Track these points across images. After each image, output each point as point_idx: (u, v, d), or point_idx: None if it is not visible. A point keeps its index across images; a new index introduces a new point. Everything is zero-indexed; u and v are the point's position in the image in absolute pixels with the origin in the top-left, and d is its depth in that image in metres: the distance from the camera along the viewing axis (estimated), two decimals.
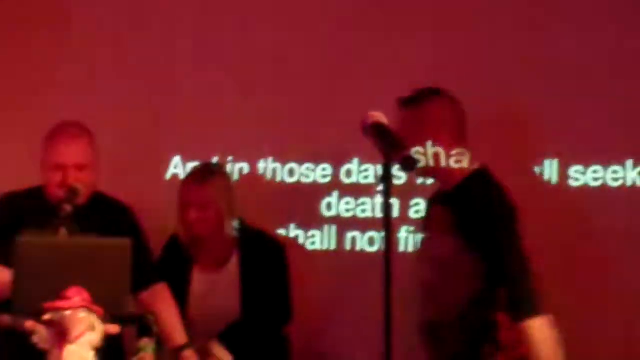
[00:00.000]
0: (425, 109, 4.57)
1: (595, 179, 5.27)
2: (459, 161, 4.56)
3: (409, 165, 3.54)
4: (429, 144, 4.48)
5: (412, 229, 5.41)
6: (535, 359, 4.37)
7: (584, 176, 5.28)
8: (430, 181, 4.97)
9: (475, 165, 4.57)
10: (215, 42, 5.90)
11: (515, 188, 5.23)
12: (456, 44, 5.52)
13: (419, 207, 5.44)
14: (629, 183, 5.22)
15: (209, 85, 5.82)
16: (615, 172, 5.24)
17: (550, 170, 5.32)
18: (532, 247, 5.21)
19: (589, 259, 5.24)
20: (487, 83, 5.41)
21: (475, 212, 4.44)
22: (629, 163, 5.22)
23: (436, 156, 4.53)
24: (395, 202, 5.29)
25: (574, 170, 5.29)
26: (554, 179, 5.31)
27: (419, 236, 5.02)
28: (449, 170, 4.52)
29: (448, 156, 4.51)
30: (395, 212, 5.40)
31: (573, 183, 5.30)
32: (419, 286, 4.85)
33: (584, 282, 5.22)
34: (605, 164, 5.24)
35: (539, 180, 5.34)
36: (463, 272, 4.60)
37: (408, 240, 5.45)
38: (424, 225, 4.90)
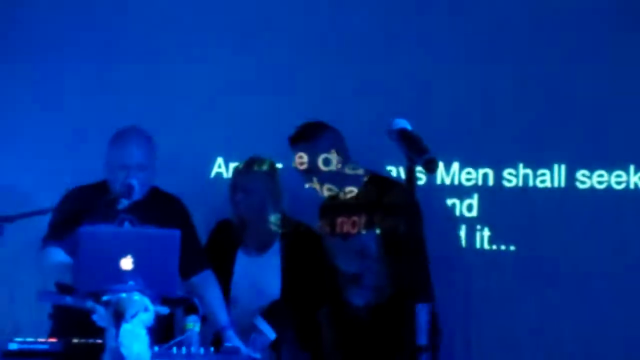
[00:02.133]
0: None
1: (600, 182, 5.23)
2: None
3: (431, 167, 3.52)
4: None
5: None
6: None
7: (589, 179, 5.25)
8: None
9: None
10: (255, 52, 5.83)
11: (526, 190, 5.35)
12: (470, 50, 5.48)
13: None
14: (632, 186, 5.18)
15: (248, 93, 5.77)
16: (618, 176, 5.20)
17: (558, 174, 5.28)
18: (543, 245, 5.32)
19: (594, 257, 5.22)
20: (503, 95, 5.41)
21: None
22: (632, 168, 5.18)
23: None
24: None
25: (581, 174, 5.26)
26: (562, 182, 5.28)
27: None
28: None
29: None
30: None
31: (580, 186, 5.27)
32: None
33: (589, 274, 5.22)
34: (609, 168, 5.22)
35: (548, 183, 5.31)
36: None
37: None
38: None
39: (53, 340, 4.44)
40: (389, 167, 5.47)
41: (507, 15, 5.46)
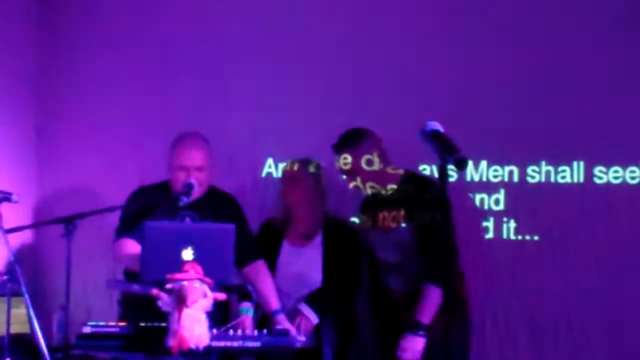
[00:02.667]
0: None
1: (616, 178, 5.19)
2: None
3: (461, 165, 3.51)
4: None
5: None
6: None
7: (606, 175, 5.21)
8: None
9: None
10: (298, 64, 5.82)
11: (548, 186, 5.34)
12: (499, 59, 5.43)
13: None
14: None
15: (294, 100, 5.76)
16: (632, 171, 5.16)
17: (577, 170, 5.25)
18: (564, 235, 5.27)
19: (611, 245, 5.17)
20: (527, 100, 5.37)
21: None
22: None
23: None
24: None
25: (598, 170, 5.22)
26: (581, 177, 5.25)
27: None
28: None
29: None
30: None
31: (597, 181, 5.23)
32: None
33: (607, 262, 5.17)
34: (623, 164, 5.18)
35: (568, 179, 5.29)
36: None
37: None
38: None
39: (122, 324, 4.48)
40: (422, 166, 5.43)
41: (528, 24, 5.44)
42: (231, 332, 4.37)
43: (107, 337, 4.39)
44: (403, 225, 4.94)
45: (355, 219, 5.42)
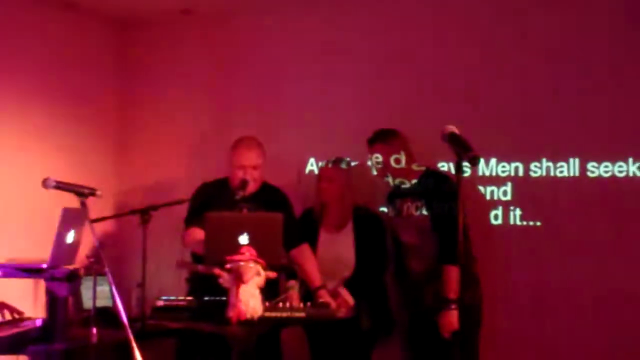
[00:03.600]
0: None
1: (606, 172, 5.11)
2: None
3: (474, 162, 3.52)
4: None
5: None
6: None
7: (598, 170, 5.14)
8: None
9: None
10: (334, 78, 5.80)
11: (548, 179, 5.29)
12: (507, 66, 5.38)
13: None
14: (631, 174, 5.05)
15: (332, 109, 5.78)
16: (620, 166, 5.09)
17: (573, 165, 5.19)
18: (563, 221, 5.21)
19: (602, 230, 5.11)
20: (531, 107, 5.32)
21: None
22: (630, 160, 5.06)
23: None
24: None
25: (591, 166, 5.15)
26: (576, 172, 5.18)
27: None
28: None
29: None
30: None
31: (590, 175, 5.15)
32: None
33: (599, 243, 5.12)
34: (613, 160, 5.11)
35: (565, 173, 5.21)
36: None
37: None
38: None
39: (189, 298, 4.53)
40: (441, 163, 5.37)
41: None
42: (280, 304, 4.39)
43: (177, 309, 4.45)
44: (423, 213, 4.93)
45: (382, 208, 5.39)
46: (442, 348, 4.74)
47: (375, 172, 5.11)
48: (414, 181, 5.00)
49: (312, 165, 5.80)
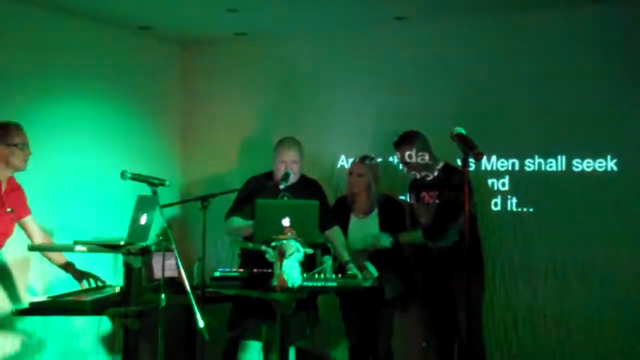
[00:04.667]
0: None
1: (588, 167, 5.05)
2: None
3: (478, 158, 3.53)
4: None
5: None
6: None
7: (581, 165, 5.07)
8: None
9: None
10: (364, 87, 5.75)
11: (539, 173, 5.22)
12: (500, 77, 5.29)
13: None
14: (609, 169, 4.98)
15: (360, 113, 5.71)
16: (600, 162, 5.02)
17: (560, 161, 5.13)
18: (552, 208, 5.14)
19: (585, 215, 5.05)
20: (525, 111, 5.25)
21: None
22: (609, 157, 4.99)
23: None
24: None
25: (575, 162, 5.08)
26: (563, 167, 5.12)
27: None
28: None
29: None
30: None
31: (575, 169, 5.09)
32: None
33: (582, 226, 5.05)
34: (594, 157, 5.05)
35: (554, 168, 5.15)
36: None
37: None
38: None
39: (241, 270, 4.54)
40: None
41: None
42: (316, 276, 4.39)
43: (231, 279, 4.47)
44: (437, 201, 4.90)
45: (403, 197, 5.36)
46: (453, 309, 4.75)
47: (405, 169, 5.05)
48: (436, 174, 4.96)
49: (343, 161, 5.76)
